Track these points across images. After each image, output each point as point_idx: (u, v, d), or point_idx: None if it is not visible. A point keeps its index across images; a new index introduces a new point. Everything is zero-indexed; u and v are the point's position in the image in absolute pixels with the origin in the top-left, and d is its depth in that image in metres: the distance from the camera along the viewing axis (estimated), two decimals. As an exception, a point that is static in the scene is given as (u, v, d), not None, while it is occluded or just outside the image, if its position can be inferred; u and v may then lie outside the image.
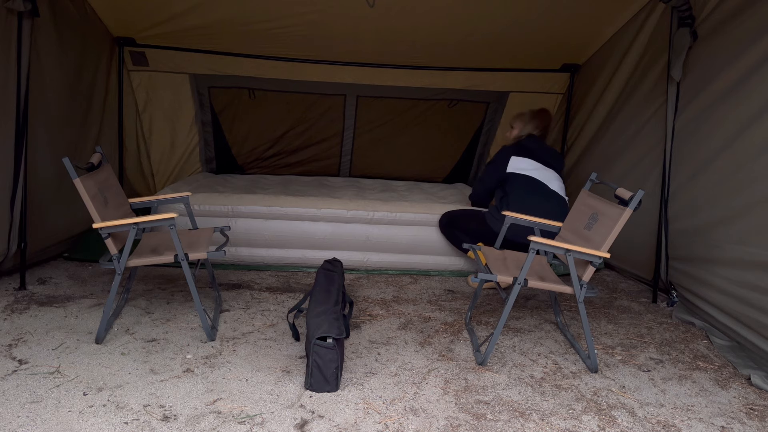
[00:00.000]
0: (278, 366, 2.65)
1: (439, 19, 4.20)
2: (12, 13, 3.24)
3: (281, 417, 2.23)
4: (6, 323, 2.97)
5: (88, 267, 3.91)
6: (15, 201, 3.37)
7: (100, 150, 3.07)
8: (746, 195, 2.99)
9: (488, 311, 3.48)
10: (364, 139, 5.42)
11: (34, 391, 2.34)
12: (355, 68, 4.98)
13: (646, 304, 3.72)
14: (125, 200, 3.17)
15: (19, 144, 3.34)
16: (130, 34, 4.59)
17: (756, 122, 2.97)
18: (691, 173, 3.46)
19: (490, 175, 3.90)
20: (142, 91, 4.95)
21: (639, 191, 2.61)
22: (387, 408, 2.34)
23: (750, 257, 2.91)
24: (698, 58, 3.47)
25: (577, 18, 4.20)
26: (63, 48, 3.81)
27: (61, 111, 3.86)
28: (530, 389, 2.55)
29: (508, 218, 3.17)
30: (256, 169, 5.51)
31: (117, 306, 3.19)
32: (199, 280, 3.71)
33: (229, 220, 3.94)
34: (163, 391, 2.38)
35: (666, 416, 2.39)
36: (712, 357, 2.97)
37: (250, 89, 5.14)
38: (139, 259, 2.84)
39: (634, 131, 4.11)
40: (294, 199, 4.02)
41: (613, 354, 2.96)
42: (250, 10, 4.14)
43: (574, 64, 4.93)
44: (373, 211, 4.00)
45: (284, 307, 3.37)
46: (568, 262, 2.68)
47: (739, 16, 3.17)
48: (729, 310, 3.07)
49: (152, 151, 5.15)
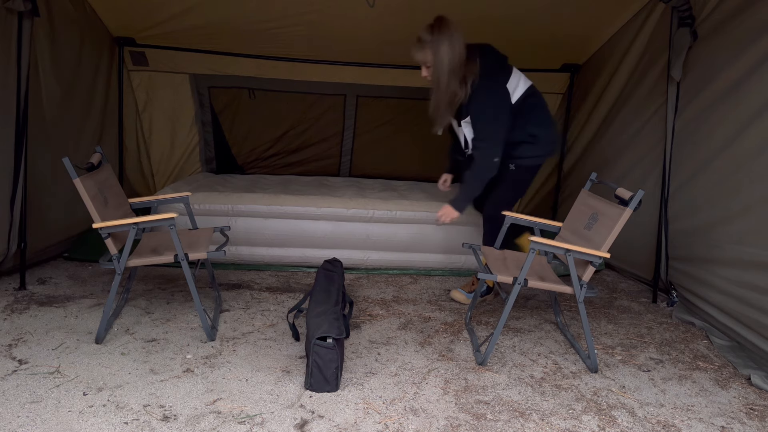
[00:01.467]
0: (278, 366, 2.65)
1: (439, 19, 4.20)
2: (12, 13, 3.24)
3: (281, 417, 2.23)
4: (6, 323, 2.97)
5: (88, 267, 3.91)
6: (15, 201, 3.37)
7: (100, 150, 3.07)
8: (746, 195, 2.99)
9: (488, 311, 3.48)
10: (364, 139, 5.42)
11: (34, 391, 2.34)
12: (355, 68, 4.98)
13: (646, 304, 3.72)
14: (125, 200, 3.17)
15: (19, 144, 3.34)
16: (130, 34, 4.59)
17: (756, 122, 2.97)
18: (691, 173, 3.46)
19: (501, 121, 3.14)
20: (142, 91, 4.94)
21: (639, 191, 2.61)
22: (387, 408, 2.34)
23: (750, 257, 2.91)
24: (698, 58, 3.47)
25: (577, 18, 4.19)
26: (63, 48, 3.81)
27: (61, 111, 3.86)
28: (530, 389, 2.55)
29: (507, 218, 3.17)
30: (256, 169, 5.51)
31: (117, 306, 3.19)
32: (199, 280, 3.71)
33: (229, 220, 3.94)
34: (163, 391, 2.38)
35: (666, 416, 2.39)
36: (712, 357, 2.97)
37: (250, 89, 5.14)
38: (139, 259, 2.84)
39: (634, 131, 4.10)
40: (294, 198, 4.02)
41: (613, 354, 2.96)
42: (250, 10, 4.14)
43: (574, 64, 4.93)
44: (373, 210, 4.01)
45: (284, 307, 3.37)
46: (568, 262, 2.68)
47: (739, 16, 3.17)
48: (729, 310, 3.07)
49: (152, 151, 5.15)
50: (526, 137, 3.27)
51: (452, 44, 3.02)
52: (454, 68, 3.05)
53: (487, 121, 3.15)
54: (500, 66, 3.22)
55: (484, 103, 3.13)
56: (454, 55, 3.04)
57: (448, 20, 3.05)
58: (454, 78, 3.08)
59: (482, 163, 3.18)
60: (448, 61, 3.03)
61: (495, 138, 3.14)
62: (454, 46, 3.02)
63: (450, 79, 3.08)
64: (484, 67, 3.10)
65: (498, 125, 3.14)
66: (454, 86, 3.10)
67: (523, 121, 3.23)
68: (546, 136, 3.32)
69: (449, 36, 3.02)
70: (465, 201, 3.29)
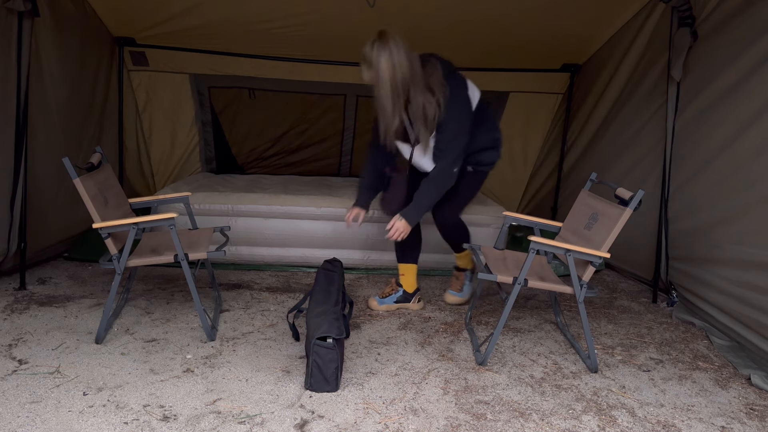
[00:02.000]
0: (278, 366, 2.65)
1: (439, 19, 4.20)
2: (12, 13, 3.24)
3: (281, 417, 2.23)
4: (6, 323, 2.97)
5: (88, 267, 3.91)
6: (15, 201, 3.37)
7: (99, 150, 3.07)
8: (746, 195, 2.99)
9: (488, 311, 3.48)
10: (364, 139, 5.41)
11: (34, 391, 2.34)
12: (355, 68, 4.92)
13: (646, 304, 3.72)
14: (125, 200, 3.17)
15: (19, 144, 3.34)
16: (130, 34, 4.59)
17: (756, 122, 2.97)
18: (691, 173, 3.46)
19: (468, 131, 3.00)
20: (142, 91, 4.95)
21: (639, 191, 2.61)
22: (387, 408, 2.34)
23: (750, 257, 2.91)
24: (698, 58, 3.47)
25: (577, 18, 4.19)
26: (63, 48, 3.81)
27: (61, 111, 3.86)
28: (530, 389, 2.55)
29: (507, 218, 3.17)
30: (256, 169, 5.51)
31: (117, 306, 3.19)
32: (199, 280, 3.71)
33: (229, 219, 3.94)
34: (163, 391, 2.38)
35: (666, 416, 2.39)
36: (712, 357, 2.97)
37: (250, 89, 5.15)
38: (139, 259, 2.84)
39: (634, 131, 4.10)
40: (294, 198, 4.02)
41: (613, 354, 2.96)
42: (250, 10, 4.14)
43: (575, 64, 4.93)
44: (373, 210, 4.00)
45: (284, 307, 3.37)
46: (568, 262, 2.68)
47: (739, 16, 3.17)
48: (729, 310, 3.07)
49: (152, 151, 5.15)
50: (491, 142, 3.18)
51: (393, 57, 2.76)
52: (398, 84, 2.80)
53: (459, 132, 2.96)
54: (458, 74, 3.02)
55: (458, 114, 2.94)
56: (397, 70, 2.77)
57: (388, 33, 2.80)
58: (400, 95, 2.84)
59: (446, 174, 3.00)
60: (390, 76, 2.77)
61: (461, 148, 2.98)
62: (394, 59, 2.76)
63: (395, 95, 2.83)
64: (446, 76, 2.91)
65: (466, 136, 2.98)
66: (419, 99, 2.86)
67: (487, 125, 3.14)
68: (500, 139, 3.24)
69: (388, 50, 2.76)
70: (420, 214, 3.06)
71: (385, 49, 2.75)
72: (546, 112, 5.25)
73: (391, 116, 2.90)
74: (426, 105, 2.87)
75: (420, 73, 2.85)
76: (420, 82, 2.85)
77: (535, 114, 5.25)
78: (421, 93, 2.86)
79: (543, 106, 5.22)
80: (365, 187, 3.32)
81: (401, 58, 2.77)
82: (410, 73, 2.81)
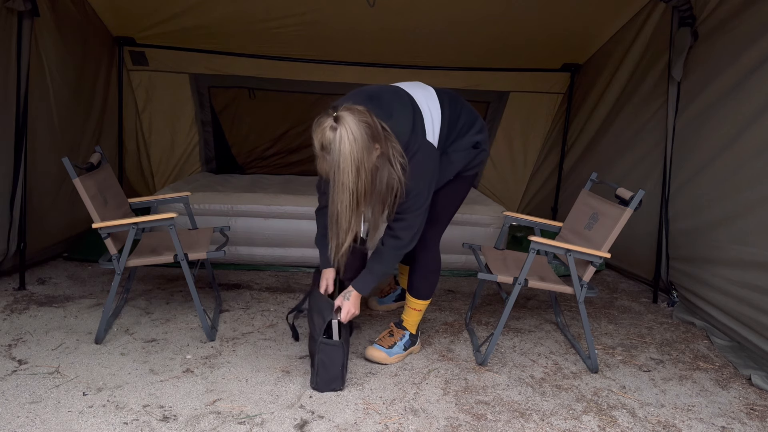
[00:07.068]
0: (278, 366, 2.64)
1: (439, 18, 4.20)
2: (12, 12, 3.24)
3: (281, 417, 2.23)
4: (5, 323, 2.97)
5: (88, 267, 3.90)
6: (15, 201, 3.37)
7: (99, 150, 3.07)
8: (747, 195, 2.98)
9: (488, 311, 3.48)
10: (364, 139, 5.42)
11: (34, 391, 2.33)
12: (355, 68, 4.97)
13: (647, 304, 3.72)
14: (125, 200, 3.17)
15: (19, 144, 3.34)
16: (130, 34, 4.59)
17: (757, 122, 2.96)
18: (692, 173, 3.46)
19: (433, 187, 2.52)
20: (142, 91, 4.94)
21: (639, 191, 2.61)
22: (387, 408, 2.33)
23: (750, 257, 2.91)
24: (699, 58, 3.47)
25: (578, 18, 4.19)
26: (63, 48, 3.81)
27: (61, 111, 3.86)
28: (530, 389, 2.55)
29: (508, 218, 3.17)
30: (256, 169, 5.51)
31: (116, 306, 3.19)
32: (199, 280, 3.71)
33: (228, 219, 3.94)
34: (162, 392, 2.38)
35: (666, 416, 2.39)
36: (713, 357, 2.97)
37: (250, 89, 5.14)
38: (138, 259, 2.84)
39: (634, 131, 4.10)
40: (294, 198, 4.01)
41: (614, 354, 2.96)
42: (250, 9, 4.14)
43: (575, 64, 4.93)
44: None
45: (284, 307, 3.37)
46: (568, 262, 2.67)
47: (740, 15, 3.16)
48: (729, 310, 3.07)
49: (152, 150, 5.15)
50: (473, 147, 2.64)
51: (353, 133, 2.32)
52: (362, 158, 2.30)
53: (422, 192, 2.45)
54: (410, 113, 2.44)
55: (421, 175, 2.43)
56: (358, 144, 2.29)
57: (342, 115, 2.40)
58: (365, 168, 2.31)
59: (406, 236, 2.51)
60: (350, 152, 2.31)
61: (424, 208, 2.49)
62: (353, 134, 2.32)
63: (360, 171, 2.30)
64: (396, 130, 2.37)
65: (430, 194, 2.49)
66: (384, 176, 2.36)
67: (465, 140, 2.62)
68: (482, 141, 2.66)
69: (347, 127, 2.35)
70: (374, 282, 2.61)
71: (345, 127, 2.32)
72: (546, 112, 5.24)
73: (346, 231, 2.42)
74: (389, 179, 2.37)
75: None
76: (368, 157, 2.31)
77: (536, 114, 5.25)
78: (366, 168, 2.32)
79: (543, 106, 5.22)
80: (325, 245, 2.65)
81: (362, 130, 2.30)
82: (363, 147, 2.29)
